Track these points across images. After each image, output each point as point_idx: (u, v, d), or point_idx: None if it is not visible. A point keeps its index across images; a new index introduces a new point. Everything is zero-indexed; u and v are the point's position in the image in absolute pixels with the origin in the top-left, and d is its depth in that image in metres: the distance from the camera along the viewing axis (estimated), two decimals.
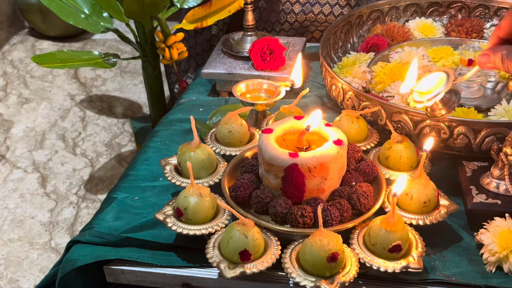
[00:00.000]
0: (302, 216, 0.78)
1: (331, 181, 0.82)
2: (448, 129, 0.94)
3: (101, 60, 1.44)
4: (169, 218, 0.82)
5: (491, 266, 0.79)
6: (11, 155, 1.99)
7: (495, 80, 1.16)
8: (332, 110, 1.16)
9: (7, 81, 2.39)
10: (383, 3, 1.35)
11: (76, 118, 2.16)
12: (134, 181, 0.99)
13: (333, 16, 1.48)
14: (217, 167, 0.91)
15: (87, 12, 1.51)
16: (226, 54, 1.28)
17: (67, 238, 1.66)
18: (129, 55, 2.47)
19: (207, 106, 1.20)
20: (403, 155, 0.89)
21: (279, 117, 0.96)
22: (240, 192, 0.83)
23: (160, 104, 1.68)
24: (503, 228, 0.80)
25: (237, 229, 0.75)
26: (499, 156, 0.86)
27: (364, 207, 0.81)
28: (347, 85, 1.05)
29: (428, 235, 0.81)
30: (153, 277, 0.83)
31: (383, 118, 0.99)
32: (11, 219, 1.73)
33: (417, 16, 1.37)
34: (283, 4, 1.49)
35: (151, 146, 1.08)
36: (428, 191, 0.81)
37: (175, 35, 1.41)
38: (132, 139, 2.04)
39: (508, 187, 0.86)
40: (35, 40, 2.70)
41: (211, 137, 0.97)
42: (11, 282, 1.54)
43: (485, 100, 1.12)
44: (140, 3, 1.33)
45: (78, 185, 1.85)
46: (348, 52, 1.30)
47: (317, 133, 0.85)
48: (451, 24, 1.34)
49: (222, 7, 1.39)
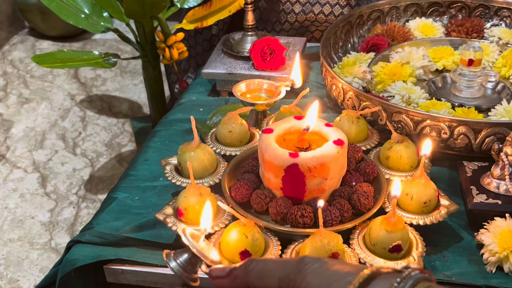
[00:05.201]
0: (302, 216, 0.78)
1: (331, 181, 0.82)
2: (448, 129, 0.94)
3: (101, 60, 1.44)
4: (169, 218, 0.82)
5: (491, 266, 0.79)
6: (11, 155, 1.99)
7: (496, 80, 1.16)
8: (332, 110, 1.16)
9: (7, 81, 2.39)
10: (384, 3, 1.35)
11: (76, 118, 2.16)
12: (134, 181, 0.99)
13: (333, 16, 1.48)
14: (217, 167, 0.91)
15: (87, 12, 1.51)
16: (226, 54, 1.28)
17: (67, 238, 1.66)
18: (129, 55, 2.47)
19: (207, 106, 1.20)
20: (403, 155, 0.89)
21: (279, 117, 0.96)
22: (240, 192, 0.83)
23: (160, 104, 1.68)
24: (503, 228, 0.80)
25: (237, 229, 0.75)
26: (500, 156, 0.86)
27: (364, 207, 0.81)
28: (348, 85, 1.05)
29: (428, 235, 0.81)
30: (153, 277, 0.83)
31: (383, 118, 0.99)
32: (11, 219, 1.73)
33: (418, 16, 1.37)
34: (283, 4, 1.49)
35: (151, 146, 1.08)
36: (428, 191, 0.81)
37: (175, 35, 1.41)
38: (132, 139, 2.04)
39: (508, 187, 0.86)
40: (35, 40, 2.70)
41: (211, 137, 0.97)
42: (11, 282, 1.54)
43: (486, 100, 1.12)
44: (140, 3, 1.33)
45: (78, 185, 1.85)
46: (348, 52, 1.30)
47: (317, 133, 0.85)
48: (451, 24, 1.34)
49: (222, 7, 1.39)
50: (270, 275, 0.44)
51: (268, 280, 0.45)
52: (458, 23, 1.32)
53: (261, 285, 0.45)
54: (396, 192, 0.75)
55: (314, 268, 0.43)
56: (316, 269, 0.42)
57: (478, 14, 1.36)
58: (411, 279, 0.40)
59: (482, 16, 1.36)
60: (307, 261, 0.44)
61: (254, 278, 0.45)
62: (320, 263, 0.43)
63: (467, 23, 1.31)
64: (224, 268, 0.48)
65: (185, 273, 0.52)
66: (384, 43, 1.26)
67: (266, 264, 0.46)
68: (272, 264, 0.45)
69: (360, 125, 0.96)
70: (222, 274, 0.47)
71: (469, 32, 1.30)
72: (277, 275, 0.44)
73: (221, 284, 0.47)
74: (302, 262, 0.43)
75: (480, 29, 1.31)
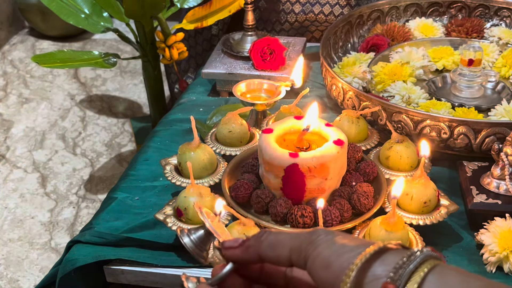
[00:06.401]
0: (302, 216, 0.78)
1: (331, 181, 0.82)
2: (448, 129, 0.94)
3: (101, 60, 1.43)
4: (169, 218, 0.82)
5: (491, 266, 0.79)
6: (11, 155, 1.99)
7: (496, 80, 1.16)
8: (332, 110, 1.16)
9: (7, 81, 2.39)
10: (384, 3, 1.35)
11: (76, 118, 2.16)
12: (134, 181, 0.99)
13: (333, 16, 1.48)
14: (217, 167, 0.91)
15: (87, 12, 1.51)
16: (226, 54, 1.28)
17: (67, 238, 1.66)
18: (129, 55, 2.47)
19: (207, 106, 1.20)
20: (403, 155, 0.89)
21: (279, 117, 0.96)
22: (240, 192, 0.83)
23: (160, 104, 1.68)
24: (503, 228, 0.80)
25: (237, 229, 0.75)
26: (500, 156, 0.86)
27: (364, 207, 0.81)
28: (347, 85, 1.05)
29: (428, 235, 0.81)
30: (153, 277, 0.83)
31: (383, 118, 0.99)
32: (11, 219, 1.73)
33: (418, 16, 1.37)
34: (283, 4, 1.49)
35: (151, 146, 1.08)
36: (428, 191, 0.81)
37: (175, 35, 1.41)
38: (132, 139, 2.04)
39: (508, 187, 0.86)
40: (35, 40, 2.70)
41: (211, 137, 0.97)
42: (11, 282, 1.54)
43: (486, 100, 1.12)
44: (140, 3, 1.33)
45: (78, 185, 1.85)
46: (348, 52, 1.30)
47: (317, 133, 0.85)
48: (451, 24, 1.34)
49: (222, 7, 1.39)
50: (281, 245, 0.45)
51: (280, 250, 0.45)
52: (458, 23, 1.32)
53: (273, 254, 0.46)
54: (397, 192, 0.75)
55: (326, 239, 0.43)
56: (328, 240, 0.43)
57: (478, 14, 1.36)
58: (421, 255, 0.40)
59: (482, 16, 1.36)
60: (319, 232, 0.44)
61: (266, 248, 0.46)
62: (333, 235, 0.44)
63: (467, 23, 1.31)
64: (237, 239, 0.48)
65: (197, 250, 0.53)
66: (384, 43, 1.26)
67: (278, 235, 0.46)
68: (284, 235, 0.46)
69: (360, 125, 0.96)
70: (234, 244, 0.48)
71: (469, 32, 1.30)
72: (288, 245, 0.45)
73: (233, 254, 0.47)
74: (314, 234, 0.44)
75: (480, 29, 1.31)
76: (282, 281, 0.49)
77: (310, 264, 0.43)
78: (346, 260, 0.41)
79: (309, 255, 0.43)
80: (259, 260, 0.47)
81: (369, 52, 1.25)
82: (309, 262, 0.43)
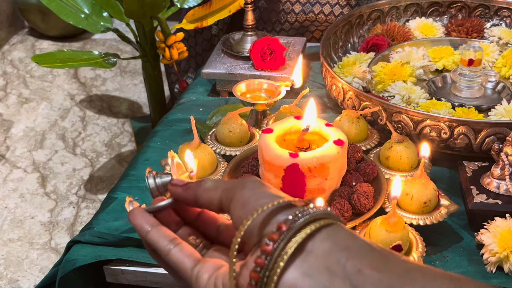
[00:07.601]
0: None
1: (331, 181, 0.82)
2: (448, 129, 0.94)
3: (101, 60, 1.43)
4: None
5: (491, 266, 0.79)
6: (11, 155, 1.99)
7: (496, 80, 1.16)
8: (332, 110, 1.16)
9: (7, 81, 2.39)
10: (384, 3, 1.35)
11: (76, 118, 2.16)
12: (134, 181, 0.99)
13: (333, 16, 1.48)
14: (217, 167, 0.91)
15: (87, 12, 1.51)
16: (226, 54, 1.28)
17: (67, 238, 1.66)
18: (129, 55, 2.47)
19: (207, 106, 1.20)
20: (403, 155, 0.89)
21: (279, 117, 0.96)
22: None
23: (160, 104, 1.68)
24: (503, 228, 0.80)
25: None
26: (500, 156, 0.86)
27: (364, 207, 0.81)
28: (348, 85, 1.05)
29: (429, 235, 0.81)
30: (153, 277, 0.83)
31: (383, 118, 0.99)
32: (11, 219, 1.73)
33: (418, 16, 1.37)
34: (283, 4, 1.49)
35: (151, 146, 1.08)
36: (428, 191, 0.81)
37: (175, 35, 1.41)
38: (132, 139, 2.04)
39: (508, 187, 0.86)
40: (35, 40, 2.70)
41: (211, 137, 0.97)
42: (11, 282, 1.54)
43: (486, 100, 1.12)
44: (140, 3, 1.33)
45: (78, 185, 1.85)
46: (348, 52, 1.30)
47: (317, 133, 0.85)
48: (451, 24, 1.34)
49: (222, 7, 1.39)
50: (216, 188, 0.48)
51: (213, 192, 0.48)
52: (458, 23, 1.32)
53: (206, 196, 0.48)
54: (396, 192, 0.75)
55: (254, 185, 0.46)
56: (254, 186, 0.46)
57: (478, 14, 1.36)
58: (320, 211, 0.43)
59: (482, 16, 1.36)
60: (251, 179, 0.47)
61: (202, 191, 0.49)
62: (261, 184, 0.46)
63: (467, 23, 1.31)
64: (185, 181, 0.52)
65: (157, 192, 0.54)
66: (384, 43, 1.26)
67: (217, 181, 0.49)
68: (221, 181, 0.49)
69: (360, 125, 0.96)
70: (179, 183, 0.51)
71: (469, 32, 1.30)
72: (221, 188, 0.47)
73: (175, 191, 0.51)
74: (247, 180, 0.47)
75: (480, 29, 1.31)
76: (214, 233, 0.52)
77: (233, 204, 0.46)
78: (260, 204, 0.44)
79: (234, 196, 0.46)
80: (194, 201, 0.49)
81: (369, 52, 1.25)
82: (232, 202, 0.46)
